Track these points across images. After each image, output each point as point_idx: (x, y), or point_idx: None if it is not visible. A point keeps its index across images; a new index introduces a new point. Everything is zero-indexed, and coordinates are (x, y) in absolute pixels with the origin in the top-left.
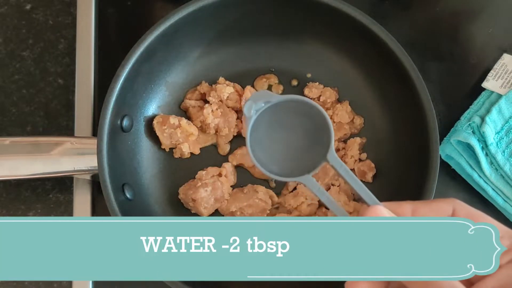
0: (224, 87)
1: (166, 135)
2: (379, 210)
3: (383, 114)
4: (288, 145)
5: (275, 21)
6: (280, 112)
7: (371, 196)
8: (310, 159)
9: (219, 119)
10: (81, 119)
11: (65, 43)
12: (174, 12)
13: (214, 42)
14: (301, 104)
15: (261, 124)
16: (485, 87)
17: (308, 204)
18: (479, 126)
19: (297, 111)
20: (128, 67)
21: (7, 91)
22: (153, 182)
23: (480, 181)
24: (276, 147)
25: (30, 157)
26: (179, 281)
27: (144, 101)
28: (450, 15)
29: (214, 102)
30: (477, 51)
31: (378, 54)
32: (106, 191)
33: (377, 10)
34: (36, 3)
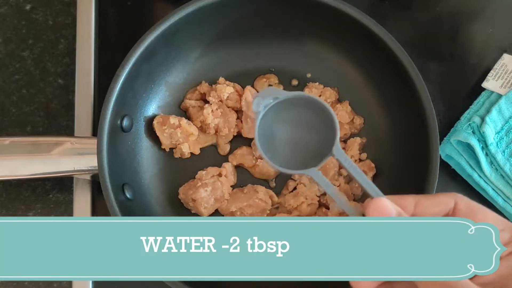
0: (224, 87)
1: (166, 135)
2: (382, 201)
3: (383, 114)
4: (295, 139)
5: (275, 21)
6: (287, 108)
7: (375, 188)
8: (316, 153)
9: (219, 119)
10: (81, 119)
11: (65, 43)
12: (174, 12)
13: (214, 42)
14: (308, 100)
15: (269, 119)
16: (485, 87)
17: (308, 204)
18: (479, 126)
19: (303, 108)
20: (128, 67)
21: (7, 91)
22: (153, 182)
23: (480, 181)
24: (283, 141)
25: (30, 157)
26: (179, 281)
27: (144, 101)
28: (450, 15)
29: (214, 102)
30: (477, 51)
31: (378, 54)
32: (106, 191)
33: (377, 10)
34: (36, 3)
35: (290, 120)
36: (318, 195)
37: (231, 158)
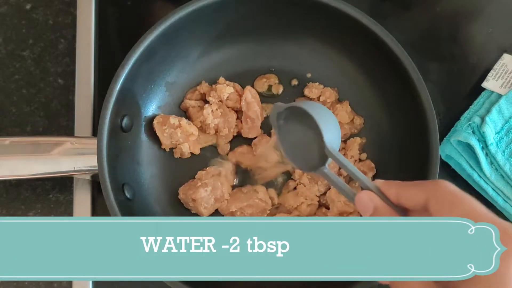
0: (224, 87)
1: (166, 135)
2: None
3: (383, 114)
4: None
5: (275, 21)
6: (295, 118)
7: (363, 180)
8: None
9: (219, 119)
10: (81, 119)
11: (65, 43)
12: (174, 12)
13: (214, 42)
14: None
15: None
16: (485, 87)
17: (308, 204)
18: (479, 126)
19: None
20: (128, 67)
21: (7, 91)
22: (153, 182)
23: (480, 181)
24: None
25: (30, 157)
26: (179, 281)
27: (144, 101)
28: (450, 15)
29: (214, 102)
30: (477, 51)
31: (378, 54)
32: (106, 191)
33: (377, 10)
34: (36, 3)
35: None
36: (318, 195)
37: (231, 156)
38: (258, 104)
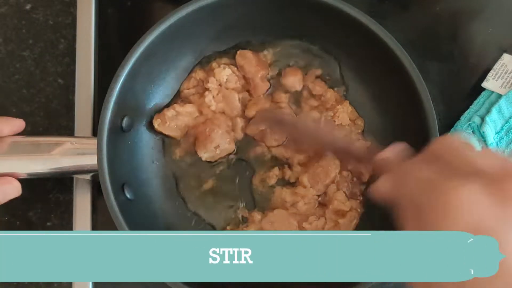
0: (222, 70)
1: (173, 127)
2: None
3: (383, 114)
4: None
5: (274, 21)
6: None
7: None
8: None
9: (222, 103)
10: (81, 119)
11: (65, 43)
12: (174, 12)
13: (214, 42)
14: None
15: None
16: (485, 87)
17: (305, 203)
18: (479, 126)
19: None
20: (128, 67)
21: (7, 91)
22: (153, 182)
23: None
24: None
25: (30, 157)
26: (179, 282)
27: (144, 101)
28: (450, 15)
29: (213, 88)
30: (477, 51)
31: (378, 54)
32: (106, 191)
33: (377, 10)
34: (36, 3)
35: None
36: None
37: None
38: (252, 64)
